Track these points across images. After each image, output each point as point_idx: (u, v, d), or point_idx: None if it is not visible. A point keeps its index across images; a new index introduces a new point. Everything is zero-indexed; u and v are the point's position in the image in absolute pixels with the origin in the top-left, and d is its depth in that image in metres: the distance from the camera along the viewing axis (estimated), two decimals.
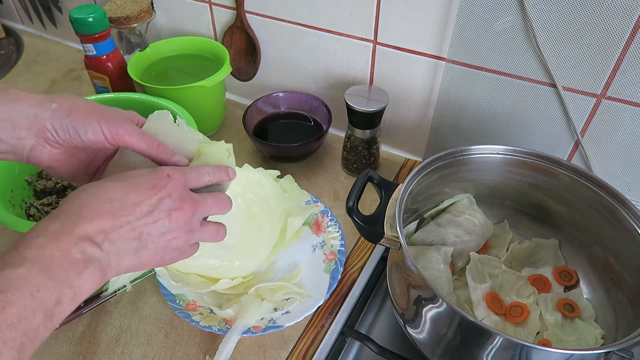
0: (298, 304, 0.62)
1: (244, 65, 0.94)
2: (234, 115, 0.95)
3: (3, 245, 0.72)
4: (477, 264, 0.62)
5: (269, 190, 0.65)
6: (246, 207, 0.63)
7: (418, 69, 0.75)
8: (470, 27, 0.65)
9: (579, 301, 0.59)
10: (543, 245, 0.65)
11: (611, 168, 0.69)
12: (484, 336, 0.45)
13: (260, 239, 0.63)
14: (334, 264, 0.67)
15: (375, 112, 0.72)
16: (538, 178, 0.61)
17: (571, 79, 0.63)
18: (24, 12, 1.21)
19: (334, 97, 0.87)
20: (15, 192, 0.71)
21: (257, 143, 0.81)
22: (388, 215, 0.54)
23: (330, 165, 0.85)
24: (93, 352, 0.60)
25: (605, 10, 0.56)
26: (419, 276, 0.47)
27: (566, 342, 0.55)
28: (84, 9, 0.79)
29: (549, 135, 0.70)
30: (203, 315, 0.61)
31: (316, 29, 0.80)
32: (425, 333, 0.51)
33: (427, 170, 0.58)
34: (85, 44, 0.82)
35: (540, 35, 0.61)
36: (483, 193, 0.67)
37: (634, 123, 0.63)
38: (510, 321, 0.58)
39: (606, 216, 0.56)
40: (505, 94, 0.69)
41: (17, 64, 1.14)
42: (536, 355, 0.45)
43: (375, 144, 0.79)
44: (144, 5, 0.89)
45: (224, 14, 0.89)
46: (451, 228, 0.64)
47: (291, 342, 0.61)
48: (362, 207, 0.76)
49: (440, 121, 0.77)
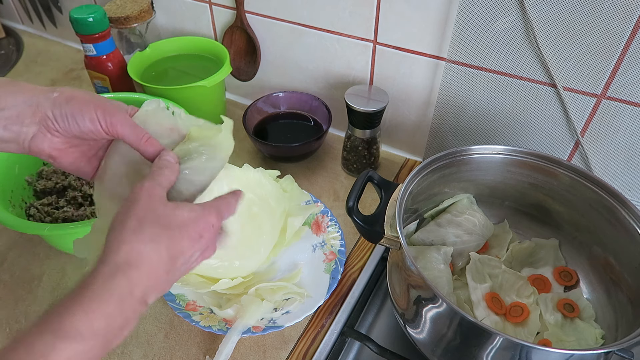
0: (298, 304, 0.62)
1: (244, 65, 0.94)
2: (234, 115, 0.94)
3: (3, 245, 0.72)
4: (477, 264, 0.62)
5: (269, 190, 0.64)
6: (246, 207, 0.62)
7: (418, 69, 0.75)
8: (470, 27, 0.65)
9: (579, 301, 0.59)
10: (543, 245, 0.65)
11: (611, 168, 0.69)
12: (484, 336, 0.45)
13: (260, 239, 0.63)
14: (334, 264, 0.67)
15: (375, 112, 0.72)
16: (538, 178, 0.61)
17: (571, 79, 0.63)
18: (24, 12, 1.21)
19: (334, 97, 0.87)
20: (15, 192, 0.71)
21: (257, 143, 0.81)
22: (388, 215, 0.54)
23: (330, 165, 0.85)
24: None
25: (605, 10, 0.56)
26: (419, 276, 0.47)
27: (566, 342, 0.55)
28: (84, 9, 0.80)
29: (549, 135, 0.70)
30: (203, 315, 0.61)
31: (316, 29, 0.80)
32: (425, 333, 0.51)
33: (427, 170, 0.58)
34: (85, 44, 0.82)
35: (540, 35, 0.61)
36: (483, 193, 0.67)
37: (634, 123, 0.63)
38: (510, 321, 0.58)
39: (606, 216, 0.56)
40: (505, 94, 0.69)
41: (17, 64, 1.14)
42: (536, 355, 0.45)
43: (375, 144, 0.79)
44: (144, 5, 0.89)
45: (224, 14, 0.89)
46: (451, 228, 0.64)
47: (291, 342, 0.61)
48: (362, 207, 0.76)
49: (440, 121, 0.77)
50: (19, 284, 0.67)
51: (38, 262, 0.70)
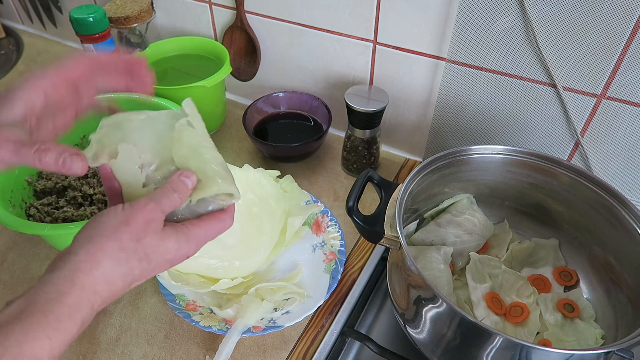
0: (298, 304, 0.62)
1: (244, 65, 0.94)
2: (234, 115, 0.95)
3: (3, 245, 0.72)
4: (477, 264, 0.62)
5: (269, 191, 0.65)
6: (246, 208, 0.63)
7: (418, 69, 0.75)
8: (470, 27, 0.65)
9: (579, 301, 0.59)
10: (543, 245, 0.65)
11: (611, 168, 0.69)
12: (484, 336, 0.45)
13: (260, 239, 0.63)
14: (334, 264, 0.67)
15: (375, 112, 0.72)
16: (538, 178, 0.61)
17: (571, 79, 0.63)
18: (24, 12, 1.21)
19: (334, 97, 0.87)
20: (15, 192, 0.70)
21: (257, 143, 0.81)
22: (388, 215, 0.54)
23: (330, 165, 0.85)
24: (93, 352, 0.60)
25: (605, 10, 0.56)
26: (419, 276, 0.47)
27: (566, 342, 0.55)
28: (84, 9, 0.80)
29: (549, 135, 0.70)
30: (203, 315, 0.61)
31: (316, 29, 0.80)
32: (425, 333, 0.51)
33: (427, 170, 0.58)
34: (85, 44, 0.82)
35: (540, 35, 0.61)
36: (483, 193, 0.67)
37: (634, 123, 0.63)
38: (510, 321, 0.58)
39: (606, 216, 0.56)
40: (505, 94, 0.69)
41: (17, 64, 1.14)
42: (536, 355, 0.45)
43: (375, 144, 0.79)
44: (144, 5, 0.89)
45: (224, 14, 0.89)
46: (451, 228, 0.64)
47: (291, 342, 0.61)
48: (362, 207, 0.76)
49: (440, 121, 0.77)
50: (19, 284, 0.67)
51: (38, 262, 0.70)
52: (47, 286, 0.34)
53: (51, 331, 0.32)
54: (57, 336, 0.33)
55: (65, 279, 0.34)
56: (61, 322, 0.33)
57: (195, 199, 0.41)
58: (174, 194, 0.40)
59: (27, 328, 0.32)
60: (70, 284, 0.34)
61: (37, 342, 0.32)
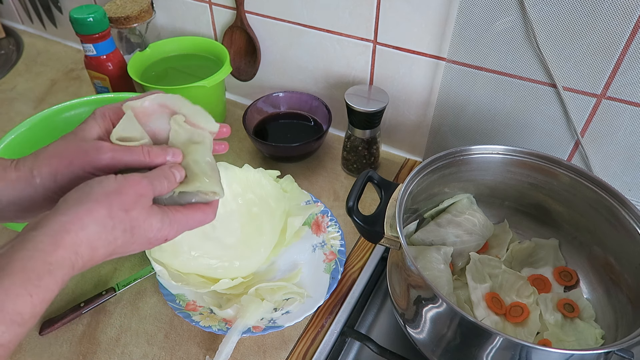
0: (298, 304, 0.62)
1: (244, 65, 0.94)
2: (234, 115, 0.95)
3: None
4: (477, 264, 0.62)
5: (269, 191, 0.65)
6: (246, 208, 0.63)
7: (418, 69, 0.75)
8: (470, 27, 0.65)
9: (579, 301, 0.59)
10: (543, 245, 0.65)
11: (611, 168, 0.69)
12: (484, 336, 0.45)
13: (260, 239, 0.63)
14: (334, 264, 0.67)
15: (375, 112, 0.72)
16: (538, 178, 0.61)
17: (571, 79, 0.63)
18: (24, 12, 1.21)
19: (334, 97, 0.87)
20: None
21: (257, 143, 0.81)
22: (388, 215, 0.54)
23: (330, 165, 0.85)
24: (93, 352, 0.60)
25: (605, 10, 0.56)
26: (419, 276, 0.47)
27: (566, 342, 0.55)
28: (84, 9, 0.80)
29: (549, 135, 0.70)
30: (203, 315, 0.61)
31: (316, 29, 0.80)
32: (425, 333, 0.51)
33: (427, 170, 0.58)
34: (85, 44, 0.82)
35: (540, 35, 0.61)
36: (483, 193, 0.67)
37: (634, 123, 0.63)
38: (510, 321, 0.58)
39: (606, 216, 0.56)
40: (505, 94, 0.69)
41: (17, 64, 1.14)
42: (536, 355, 0.45)
43: (375, 144, 0.79)
44: (144, 5, 0.89)
45: (224, 14, 0.89)
46: (451, 228, 0.64)
47: (291, 342, 0.61)
48: (362, 207, 0.76)
49: (440, 121, 0.77)
50: None
51: None
52: (29, 243, 0.34)
53: (32, 288, 0.33)
54: (38, 293, 0.33)
55: (49, 237, 0.35)
56: (42, 279, 0.33)
57: (177, 191, 0.43)
58: (164, 180, 0.42)
59: (8, 286, 0.32)
60: (53, 242, 0.35)
61: (20, 298, 0.32)
